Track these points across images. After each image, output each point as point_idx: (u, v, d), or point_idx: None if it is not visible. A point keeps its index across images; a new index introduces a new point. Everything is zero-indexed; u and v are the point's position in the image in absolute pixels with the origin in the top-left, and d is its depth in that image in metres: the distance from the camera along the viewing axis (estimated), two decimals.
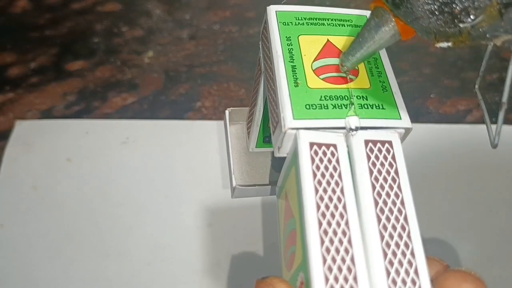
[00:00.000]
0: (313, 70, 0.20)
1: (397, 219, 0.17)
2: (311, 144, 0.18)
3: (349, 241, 0.16)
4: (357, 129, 0.19)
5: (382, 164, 0.18)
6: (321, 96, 0.19)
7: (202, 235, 0.33)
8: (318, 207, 0.17)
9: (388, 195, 0.18)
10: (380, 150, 0.18)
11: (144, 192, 0.34)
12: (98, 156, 0.36)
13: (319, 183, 0.17)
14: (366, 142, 0.18)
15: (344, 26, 0.22)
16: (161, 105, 0.40)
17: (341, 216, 0.17)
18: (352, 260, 0.16)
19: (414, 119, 0.40)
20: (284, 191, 0.21)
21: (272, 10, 0.22)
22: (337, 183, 0.17)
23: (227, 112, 0.31)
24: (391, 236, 0.17)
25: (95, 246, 0.32)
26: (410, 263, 0.16)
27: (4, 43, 0.44)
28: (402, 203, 0.18)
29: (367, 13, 0.23)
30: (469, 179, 0.36)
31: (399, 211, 0.17)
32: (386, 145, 0.19)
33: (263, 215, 0.34)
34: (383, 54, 0.22)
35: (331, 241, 0.16)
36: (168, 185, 0.35)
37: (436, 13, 0.15)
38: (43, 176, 0.35)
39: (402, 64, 0.44)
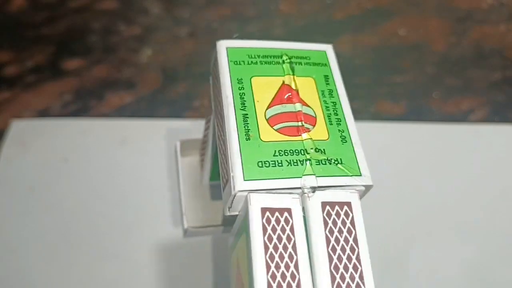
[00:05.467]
0: (267, 120, 0.18)
1: None
2: (263, 210, 0.16)
3: None
4: (314, 190, 0.17)
5: (340, 231, 0.16)
6: (275, 151, 0.17)
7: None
8: (270, 287, 0.15)
9: (346, 268, 0.16)
10: (338, 214, 0.17)
11: (143, 193, 0.34)
12: (95, 156, 0.36)
13: (272, 257, 0.16)
14: (324, 204, 0.17)
15: (302, 64, 0.20)
16: (159, 104, 0.40)
17: None
18: None
19: (416, 118, 0.39)
20: (236, 253, 0.19)
21: (223, 46, 0.20)
22: (291, 257, 0.16)
23: (178, 143, 0.28)
24: None
25: (92, 248, 0.31)
26: None
27: (0, 42, 0.43)
28: (361, 277, 0.16)
29: (326, 47, 0.21)
30: (471, 178, 0.36)
31: (358, 286, 0.16)
32: (345, 207, 0.17)
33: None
34: (344, 98, 0.20)
35: None
36: (168, 185, 0.34)
37: None
38: (39, 176, 0.35)
39: (404, 62, 0.43)
